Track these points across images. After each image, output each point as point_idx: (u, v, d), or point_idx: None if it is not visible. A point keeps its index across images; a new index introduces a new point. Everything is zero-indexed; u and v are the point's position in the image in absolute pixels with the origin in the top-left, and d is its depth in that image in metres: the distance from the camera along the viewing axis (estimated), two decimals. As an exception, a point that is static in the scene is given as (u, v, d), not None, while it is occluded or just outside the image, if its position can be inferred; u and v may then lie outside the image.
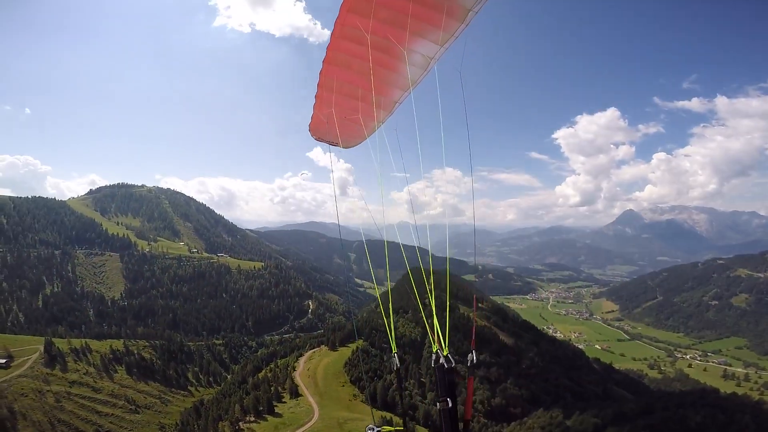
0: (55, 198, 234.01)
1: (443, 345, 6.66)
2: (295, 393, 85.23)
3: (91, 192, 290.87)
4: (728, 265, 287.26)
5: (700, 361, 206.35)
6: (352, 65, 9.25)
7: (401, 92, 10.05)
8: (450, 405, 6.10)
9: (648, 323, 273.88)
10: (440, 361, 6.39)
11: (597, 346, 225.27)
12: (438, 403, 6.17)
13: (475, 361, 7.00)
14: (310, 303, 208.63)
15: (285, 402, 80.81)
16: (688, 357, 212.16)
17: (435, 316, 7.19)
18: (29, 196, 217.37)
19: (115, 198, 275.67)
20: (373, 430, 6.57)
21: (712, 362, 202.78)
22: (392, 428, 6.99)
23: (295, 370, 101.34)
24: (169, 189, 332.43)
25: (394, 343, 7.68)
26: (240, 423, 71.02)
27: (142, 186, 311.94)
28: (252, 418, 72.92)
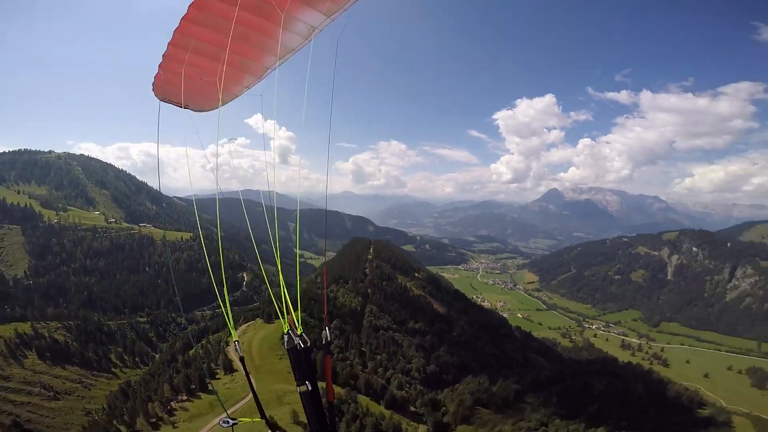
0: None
1: (296, 324, 6.21)
2: (230, 369, 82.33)
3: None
4: (631, 243, 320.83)
5: (603, 331, 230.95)
6: (217, 25, 8.34)
7: (275, 59, 9.43)
8: (310, 388, 5.76)
9: (563, 294, 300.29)
10: (294, 342, 5.98)
11: (519, 315, 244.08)
12: (298, 388, 5.82)
13: (329, 339, 6.74)
14: (245, 275, 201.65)
15: (219, 378, 77.89)
16: (594, 327, 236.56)
17: (285, 291, 6.69)
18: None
19: (15, 165, 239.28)
20: (228, 423, 6.03)
21: (613, 333, 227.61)
22: (249, 419, 6.56)
23: (228, 345, 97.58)
24: (82, 155, 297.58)
25: (233, 330, 7.12)
26: (172, 403, 67.29)
27: (50, 152, 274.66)
28: (185, 397, 69.49)
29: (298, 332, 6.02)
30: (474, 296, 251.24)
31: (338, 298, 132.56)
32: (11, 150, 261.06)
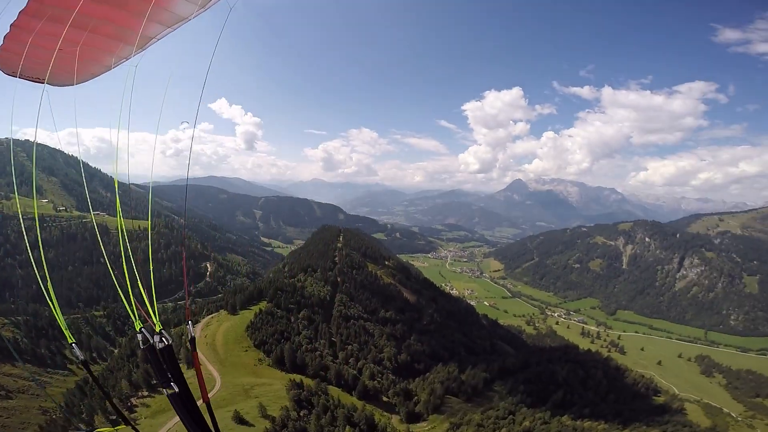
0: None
1: (154, 319, 5.51)
2: (192, 363, 78.63)
3: None
4: (589, 233, 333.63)
5: (564, 318, 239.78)
6: None
7: (162, 27, 8.46)
8: (177, 390, 5.12)
9: (526, 282, 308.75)
10: (151, 342, 5.26)
11: (486, 303, 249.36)
12: (164, 391, 5.19)
13: (192, 334, 6.36)
14: (208, 265, 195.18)
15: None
16: (556, 315, 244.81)
17: (140, 281, 6.01)
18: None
19: None
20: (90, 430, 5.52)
21: (573, 321, 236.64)
22: (112, 429, 6.10)
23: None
24: (27, 141, 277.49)
25: (67, 332, 5.95)
26: (132, 399, 63.90)
27: None
28: (145, 393, 66.11)
29: (157, 329, 5.29)
30: (443, 284, 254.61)
31: (306, 288, 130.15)
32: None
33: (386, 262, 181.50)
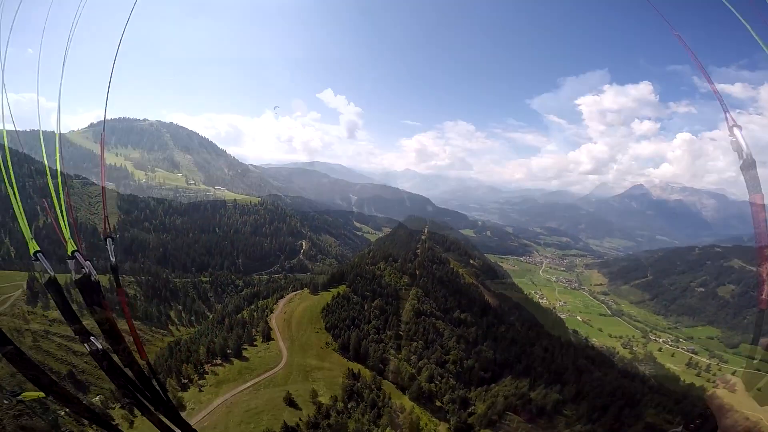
0: (53, 132, 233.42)
1: (65, 234, 3.67)
2: (268, 337, 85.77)
3: (91, 125, 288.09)
4: (724, 254, 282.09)
5: (670, 345, 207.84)
6: None
7: None
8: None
9: (632, 301, 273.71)
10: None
11: (578, 318, 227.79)
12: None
13: (113, 261, 4.27)
14: (303, 243, 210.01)
15: (256, 345, 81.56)
16: (660, 340, 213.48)
17: (53, 194, 4.12)
18: (27, 130, 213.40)
19: (115, 131, 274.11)
20: (14, 394, 4.37)
21: (682, 349, 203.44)
22: (36, 395, 4.71)
23: (272, 313, 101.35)
24: (171, 123, 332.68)
25: (29, 237, 4.09)
26: (206, 365, 70.43)
27: (144, 120, 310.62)
28: (218, 361, 72.70)
29: (68, 250, 3.61)
30: (532, 292, 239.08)
31: (384, 277, 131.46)
32: (112, 118, 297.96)
33: (471, 261, 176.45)
